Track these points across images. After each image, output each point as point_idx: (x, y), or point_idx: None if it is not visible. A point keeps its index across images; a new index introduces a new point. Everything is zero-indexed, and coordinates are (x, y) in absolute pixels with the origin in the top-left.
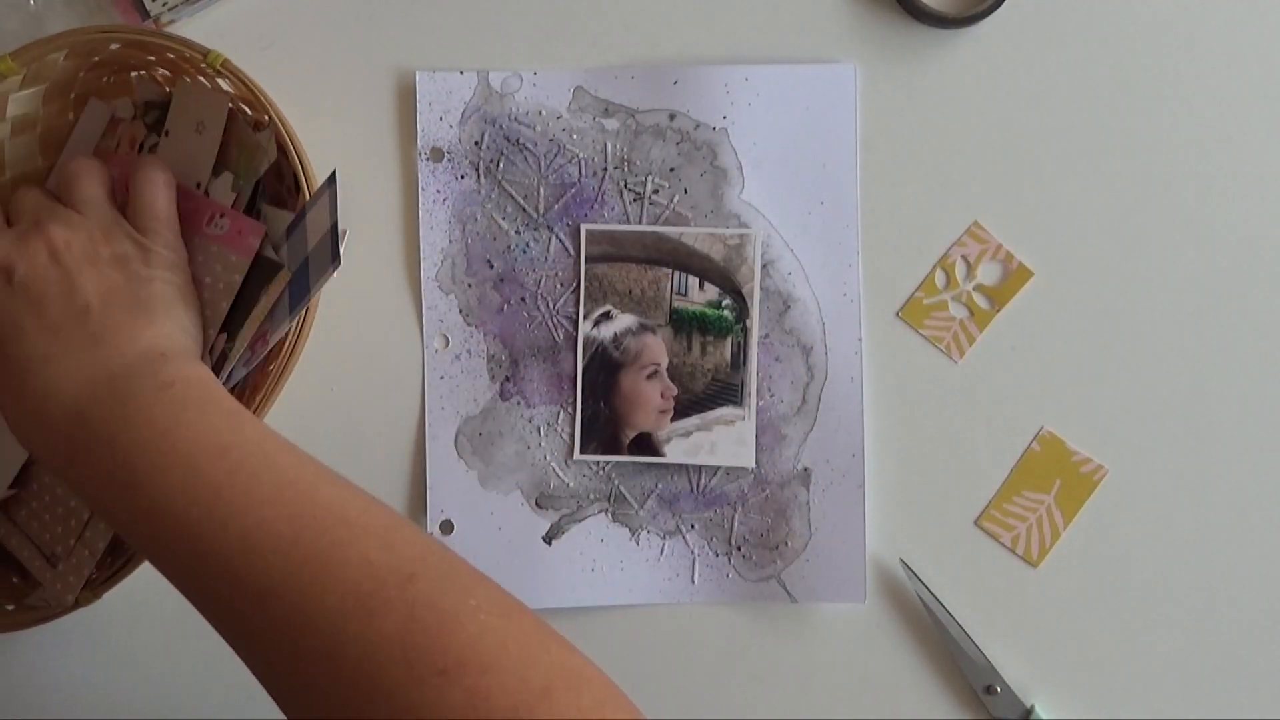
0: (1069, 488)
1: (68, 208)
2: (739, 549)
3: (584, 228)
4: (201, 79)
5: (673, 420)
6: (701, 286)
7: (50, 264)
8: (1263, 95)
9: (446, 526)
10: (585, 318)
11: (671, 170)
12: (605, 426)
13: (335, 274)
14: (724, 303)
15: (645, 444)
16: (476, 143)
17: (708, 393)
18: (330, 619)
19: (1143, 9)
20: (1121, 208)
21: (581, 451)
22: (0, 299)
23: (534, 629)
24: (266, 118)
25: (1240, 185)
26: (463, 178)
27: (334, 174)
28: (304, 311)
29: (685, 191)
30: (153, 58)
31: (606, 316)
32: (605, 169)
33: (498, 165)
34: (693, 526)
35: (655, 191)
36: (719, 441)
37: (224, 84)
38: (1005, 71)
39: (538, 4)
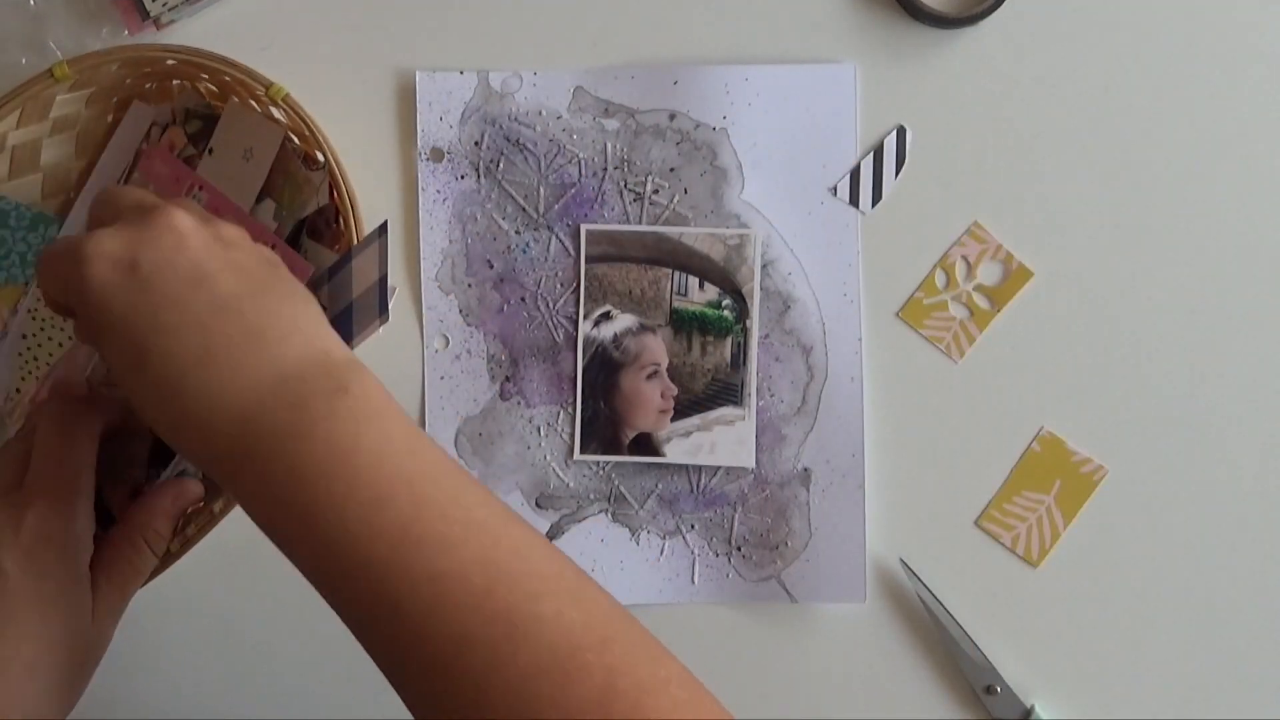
0: (1069, 488)
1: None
2: (739, 549)
3: (584, 228)
4: (253, 103)
5: (673, 420)
6: (701, 286)
7: (178, 250)
8: (1263, 95)
9: None
10: (585, 318)
11: (671, 170)
12: (605, 426)
13: (381, 329)
14: (724, 303)
15: (645, 444)
16: (476, 143)
17: (708, 393)
18: (523, 680)
19: (1142, 9)
20: (1122, 208)
21: (581, 452)
22: (131, 298)
23: (718, 708)
24: (320, 157)
25: (1240, 185)
26: (463, 178)
27: (384, 224)
28: None
29: (685, 191)
30: (205, 75)
31: (606, 316)
32: (605, 169)
33: (498, 165)
34: (693, 526)
35: (655, 191)
36: (719, 441)
37: (277, 113)
38: (1005, 71)
39: (538, 4)
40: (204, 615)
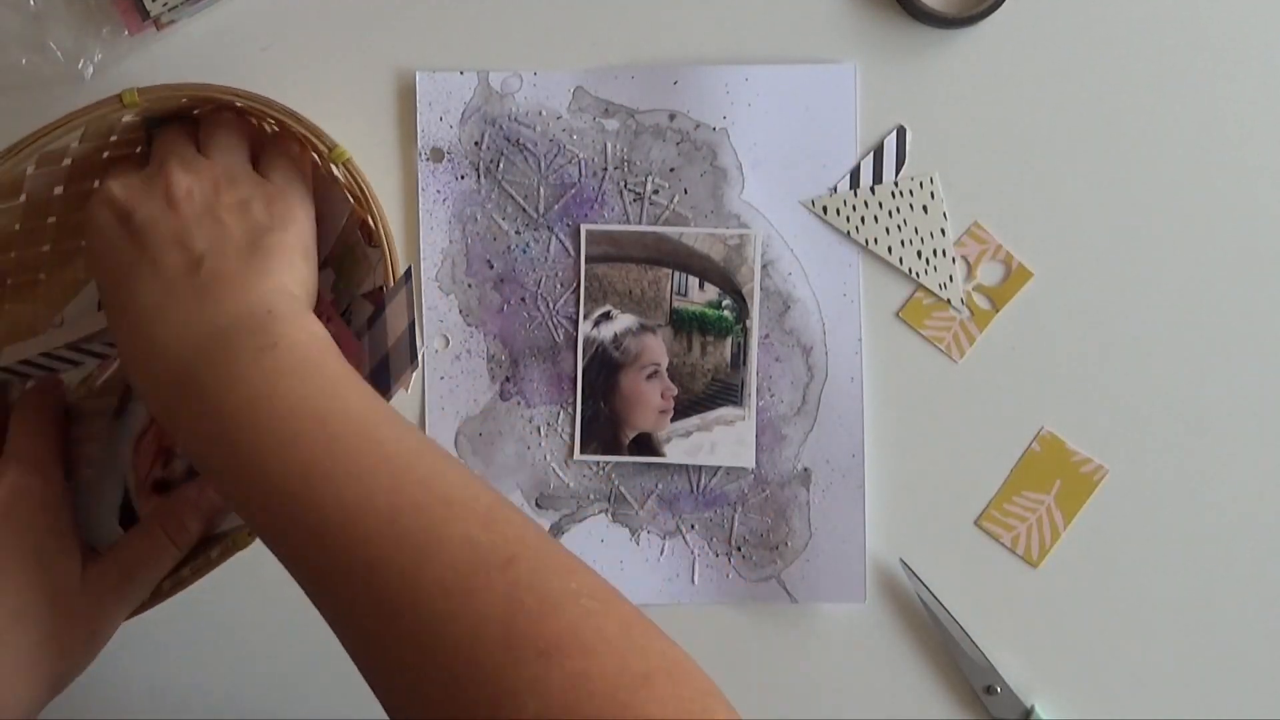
0: (1069, 488)
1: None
2: (739, 549)
3: (584, 228)
4: (334, 169)
5: (673, 420)
6: (701, 286)
7: (167, 210)
8: (1264, 95)
9: None
10: (585, 318)
11: (671, 170)
12: (605, 426)
13: (413, 377)
14: (724, 303)
15: (645, 444)
16: (476, 143)
17: (708, 393)
18: (428, 598)
19: (1143, 9)
20: (1122, 208)
21: (581, 452)
22: (119, 245)
23: (634, 616)
24: (372, 224)
25: (1241, 185)
26: (463, 178)
27: (409, 271)
28: None
29: (685, 192)
30: (270, 121)
31: (606, 316)
32: (605, 169)
33: (498, 165)
34: (693, 527)
35: (655, 192)
36: (719, 441)
37: (337, 173)
38: (1005, 71)
39: (538, 4)
40: (207, 620)
